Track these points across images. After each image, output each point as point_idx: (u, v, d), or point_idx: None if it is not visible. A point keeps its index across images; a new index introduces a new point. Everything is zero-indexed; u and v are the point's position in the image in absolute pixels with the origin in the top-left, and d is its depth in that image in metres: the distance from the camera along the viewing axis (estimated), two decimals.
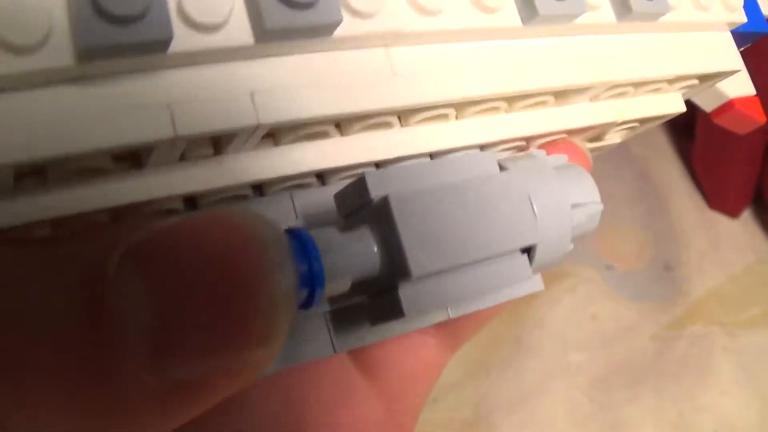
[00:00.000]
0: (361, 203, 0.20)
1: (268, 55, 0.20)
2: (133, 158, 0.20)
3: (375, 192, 0.19)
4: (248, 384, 0.16)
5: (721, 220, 0.83)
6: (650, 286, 0.77)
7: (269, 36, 0.19)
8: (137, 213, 0.20)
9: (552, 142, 0.28)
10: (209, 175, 0.20)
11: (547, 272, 0.25)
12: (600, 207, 0.24)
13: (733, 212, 0.83)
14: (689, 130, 0.82)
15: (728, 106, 0.35)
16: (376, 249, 0.19)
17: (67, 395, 0.14)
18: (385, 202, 0.19)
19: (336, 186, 0.22)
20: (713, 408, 0.72)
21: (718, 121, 0.36)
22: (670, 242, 0.80)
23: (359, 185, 0.20)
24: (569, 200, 0.22)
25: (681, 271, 0.79)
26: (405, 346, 0.31)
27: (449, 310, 0.24)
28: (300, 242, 0.18)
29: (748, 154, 0.78)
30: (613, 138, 0.33)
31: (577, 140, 0.29)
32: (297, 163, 0.22)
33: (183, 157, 0.20)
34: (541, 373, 0.70)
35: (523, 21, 0.23)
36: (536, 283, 0.26)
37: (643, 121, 0.31)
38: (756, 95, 0.35)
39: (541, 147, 0.28)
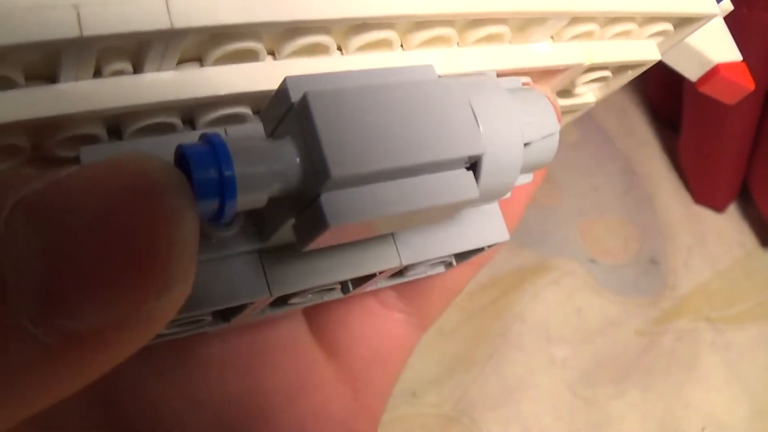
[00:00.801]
0: (283, 112, 0.18)
1: None
2: (46, 75, 0.19)
3: (296, 94, 0.17)
4: (151, 335, 0.15)
5: (707, 215, 0.83)
6: (636, 280, 0.77)
7: None
8: (57, 138, 0.19)
9: (506, 78, 0.26)
10: (126, 92, 0.19)
11: (530, 265, 0.24)
12: (556, 129, 0.22)
13: (718, 207, 0.83)
14: (675, 124, 0.82)
15: (713, 72, 0.34)
16: (297, 158, 0.17)
17: None
18: (303, 99, 0.17)
19: None
20: (700, 403, 0.71)
21: (705, 89, 0.35)
22: (656, 236, 0.80)
23: (280, 90, 0.18)
24: (519, 116, 0.21)
25: (667, 265, 0.78)
26: (370, 321, 0.30)
27: (399, 252, 0.23)
28: (211, 146, 0.16)
29: (734, 149, 0.78)
30: (586, 94, 0.32)
31: (546, 90, 0.28)
32: (223, 84, 0.20)
33: (99, 74, 0.19)
34: (525, 367, 0.69)
35: None
36: (499, 231, 0.24)
37: (615, 70, 0.30)
38: (743, 61, 0.34)
39: None
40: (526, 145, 0.21)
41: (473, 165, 0.20)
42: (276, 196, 0.18)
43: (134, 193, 0.14)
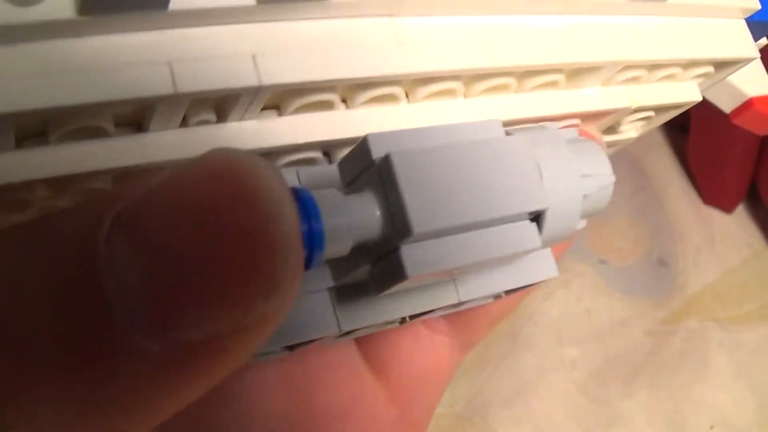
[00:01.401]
0: (363, 166, 0.19)
1: (272, 20, 0.20)
2: (135, 122, 0.20)
3: (377, 152, 0.19)
4: (264, 338, 0.15)
5: (716, 215, 0.83)
6: (645, 280, 0.77)
7: None
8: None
9: (565, 129, 0.27)
10: (210, 140, 0.20)
11: None
12: (612, 179, 0.23)
13: (727, 207, 0.83)
14: (684, 126, 0.82)
15: (747, 105, 0.34)
16: (378, 210, 0.19)
17: (68, 384, 0.13)
18: (387, 159, 0.18)
19: None
20: (709, 403, 0.72)
21: (738, 121, 0.35)
22: (665, 237, 0.80)
23: (361, 147, 0.19)
24: (579, 169, 0.22)
25: (676, 266, 0.79)
26: (417, 345, 0.31)
27: (458, 290, 0.24)
28: (300, 201, 0.17)
29: (743, 149, 0.78)
30: (629, 131, 0.33)
31: (593, 129, 0.29)
32: (300, 133, 0.21)
33: (185, 123, 0.20)
34: (536, 367, 0.70)
35: None
36: (549, 269, 0.25)
37: (658, 110, 0.31)
38: None
39: None
40: (585, 197, 0.22)
41: (537, 217, 0.21)
42: (356, 245, 0.19)
43: (233, 197, 0.14)
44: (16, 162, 0.18)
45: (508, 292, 0.26)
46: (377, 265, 0.20)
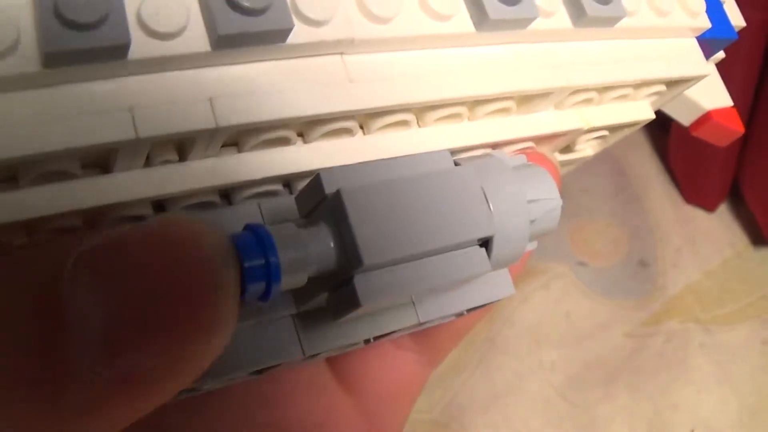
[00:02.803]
0: (317, 200, 0.20)
1: (227, 63, 0.21)
2: (101, 164, 0.21)
3: (329, 188, 0.20)
4: (195, 375, 0.17)
5: (698, 215, 0.83)
6: (625, 282, 0.77)
7: (224, 42, 0.20)
8: (108, 217, 0.21)
9: (519, 152, 0.28)
10: (173, 179, 0.21)
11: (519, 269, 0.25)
12: (559, 203, 0.24)
13: (709, 206, 0.83)
14: (665, 124, 0.81)
15: (705, 118, 0.35)
16: (331, 242, 0.20)
17: (22, 400, 0.16)
18: (337, 194, 0.19)
19: None
20: (689, 406, 0.72)
21: (697, 134, 0.36)
22: (646, 237, 0.80)
23: (314, 183, 0.20)
24: (525, 195, 0.23)
25: (656, 266, 0.78)
26: (386, 361, 0.32)
27: (417, 311, 0.25)
28: (257, 237, 0.18)
29: (725, 147, 0.78)
30: (585, 149, 0.34)
31: (546, 151, 0.30)
32: (259, 169, 0.22)
33: (149, 163, 0.21)
34: (514, 372, 0.70)
35: (476, 26, 0.24)
36: (506, 287, 0.26)
37: (612, 129, 0.32)
38: (733, 106, 0.35)
39: None
40: (532, 221, 0.23)
41: (485, 242, 0.22)
42: (313, 276, 0.20)
43: (175, 254, 0.16)
44: None
45: (469, 310, 0.27)
46: (334, 294, 0.21)
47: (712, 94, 0.34)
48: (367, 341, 0.26)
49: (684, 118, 0.35)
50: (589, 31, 0.27)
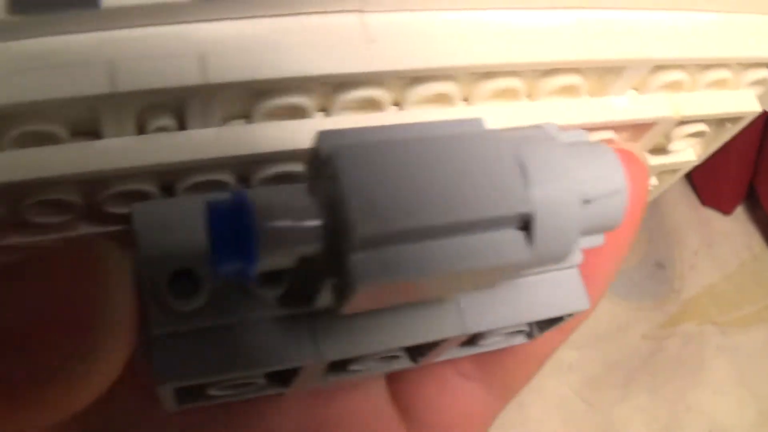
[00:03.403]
0: (316, 165, 0.17)
1: (220, 18, 0.19)
2: (90, 130, 0.19)
3: (326, 147, 0.16)
4: (82, 399, 0.17)
5: (714, 217, 0.82)
6: (642, 284, 0.77)
7: None
8: (106, 192, 0.20)
9: (571, 131, 0.23)
10: (169, 148, 0.19)
11: None
12: (623, 188, 0.19)
13: (726, 209, 0.82)
14: None
15: None
16: (324, 216, 0.16)
17: None
18: (329, 154, 0.16)
19: None
20: (706, 407, 0.71)
21: None
22: (663, 240, 0.80)
23: (313, 146, 0.17)
24: (578, 171, 0.18)
25: (674, 269, 0.78)
26: (446, 392, 0.28)
27: (464, 319, 0.21)
28: (235, 204, 0.16)
29: (741, 150, 0.78)
30: (684, 151, 0.29)
31: (635, 148, 0.26)
32: (268, 142, 0.20)
33: (143, 131, 0.20)
34: None
35: None
36: (579, 299, 0.22)
37: (711, 123, 0.27)
38: None
39: None
40: (586, 202, 0.19)
41: (526, 225, 0.18)
42: (308, 257, 0.17)
43: (74, 279, 0.16)
44: None
45: (540, 329, 0.24)
46: (335, 280, 0.17)
47: None
48: (414, 357, 0.23)
49: None
50: None
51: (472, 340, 0.23)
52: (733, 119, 0.27)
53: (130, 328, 0.17)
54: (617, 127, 0.25)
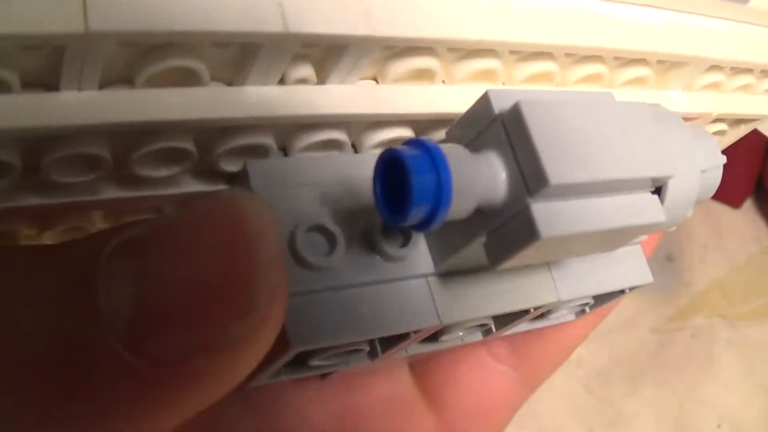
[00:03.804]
0: (480, 127, 0.18)
1: None
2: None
3: (500, 107, 0.17)
4: (242, 366, 0.16)
5: (723, 211, 0.82)
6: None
7: None
8: (224, 143, 0.19)
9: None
10: (307, 102, 0.19)
11: None
12: (723, 162, 0.22)
13: (735, 202, 0.82)
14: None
15: None
16: (503, 170, 0.17)
17: (49, 386, 0.15)
18: (515, 109, 0.17)
19: None
20: (716, 400, 0.71)
21: None
22: (672, 233, 0.79)
23: (480, 105, 0.18)
24: (695, 144, 0.21)
25: (683, 261, 0.78)
26: (477, 375, 0.29)
27: (557, 287, 0.22)
28: (428, 154, 0.16)
29: (750, 145, 0.78)
30: None
31: None
32: (394, 104, 0.20)
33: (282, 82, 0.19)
34: None
35: None
36: (643, 273, 0.25)
37: (734, 122, 0.30)
38: None
39: None
40: (703, 172, 0.21)
41: (657, 189, 0.20)
42: (480, 206, 0.17)
43: (224, 243, 0.15)
44: None
45: (594, 305, 0.26)
46: (496, 234, 0.18)
47: None
48: (487, 331, 0.24)
49: None
50: (722, 5, 0.25)
51: (542, 314, 0.24)
52: (749, 121, 0.30)
53: (282, 284, 0.16)
54: None
